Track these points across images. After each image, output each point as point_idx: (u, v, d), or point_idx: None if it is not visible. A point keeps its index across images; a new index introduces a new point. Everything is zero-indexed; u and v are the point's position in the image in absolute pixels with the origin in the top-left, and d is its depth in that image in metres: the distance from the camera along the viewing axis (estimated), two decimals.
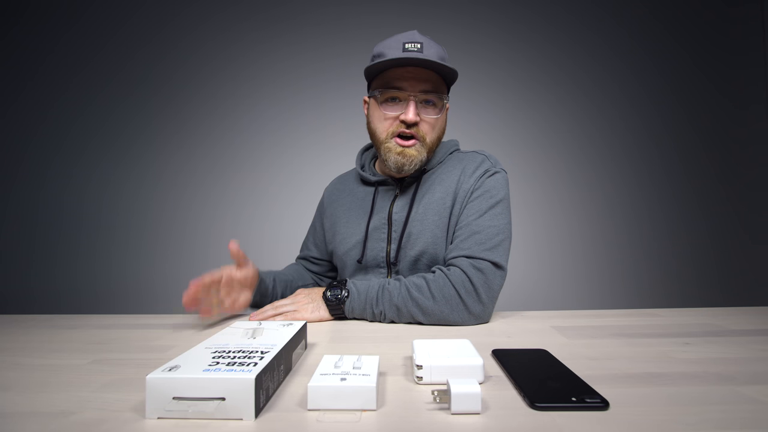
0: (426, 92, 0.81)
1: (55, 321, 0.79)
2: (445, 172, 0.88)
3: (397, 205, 0.87)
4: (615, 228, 2.16)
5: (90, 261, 2.17)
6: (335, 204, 0.99)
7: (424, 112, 0.82)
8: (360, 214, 0.92)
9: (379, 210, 0.89)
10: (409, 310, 0.72)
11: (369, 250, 0.88)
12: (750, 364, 0.47)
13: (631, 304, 2.10)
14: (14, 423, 0.35)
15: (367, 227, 0.89)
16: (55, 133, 2.20)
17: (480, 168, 0.85)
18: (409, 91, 0.80)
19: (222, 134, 2.19)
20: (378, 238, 0.87)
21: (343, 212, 0.96)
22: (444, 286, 0.72)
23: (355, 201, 0.95)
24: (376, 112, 0.85)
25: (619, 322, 0.70)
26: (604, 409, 0.35)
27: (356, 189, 0.97)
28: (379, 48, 0.83)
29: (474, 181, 0.83)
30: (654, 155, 2.18)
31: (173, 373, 0.35)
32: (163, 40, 2.20)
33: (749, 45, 2.18)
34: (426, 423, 0.33)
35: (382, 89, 0.82)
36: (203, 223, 2.17)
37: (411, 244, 0.84)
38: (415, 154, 0.82)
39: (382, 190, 0.91)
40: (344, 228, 0.93)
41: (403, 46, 0.80)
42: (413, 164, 0.83)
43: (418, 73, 0.80)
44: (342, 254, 0.92)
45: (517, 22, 2.19)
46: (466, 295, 0.71)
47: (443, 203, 0.84)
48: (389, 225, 0.87)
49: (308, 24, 2.19)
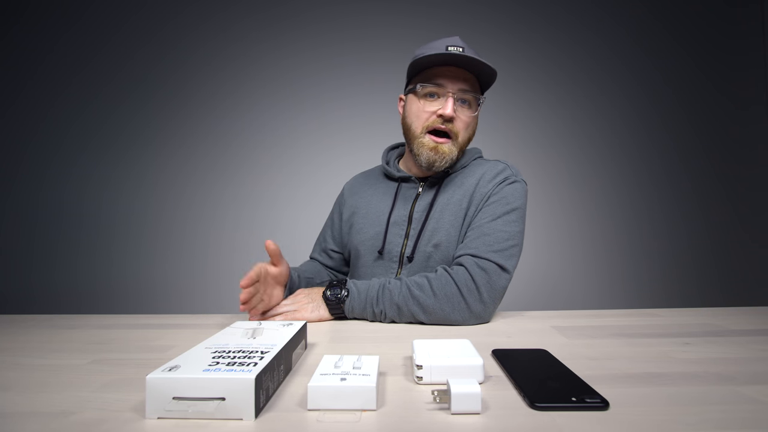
0: (464, 91, 0.84)
1: (55, 321, 0.79)
2: (466, 177, 0.90)
3: (419, 204, 0.89)
4: (615, 228, 2.16)
5: (90, 261, 2.17)
6: (356, 196, 1.01)
7: (460, 110, 0.85)
8: (381, 207, 0.94)
9: (400, 206, 0.91)
10: (410, 308, 0.72)
11: (387, 243, 0.89)
12: (750, 364, 0.47)
13: (631, 304, 2.10)
14: (14, 423, 0.35)
15: (388, 220, 0.90)
16: (55, 133, 2.20)
17: (500, 175, 0.87)
18: (448, 88, 0.83)
19: (222, 134, 2.19)
20: (396, 233, 0.89)
21: (363, 204, 0.97)
22: (446, 284, 0.72)
23: (376, 194, 0.97)
24: (414, 107, 0.87)
25: (619, 322, 0.70)
26: (604, 409, 0.35)
27: (379, 183, 0.99)
28: (422, 49, 0.87)
29: (492, 186, 0.85)
30: (654, 155, 2.18)
31: (173, 373, 0.35)
32: (163, 39, 2.20)
33: (749, 45, 2.18)
34: (426, 423, 0.33)
35: (423, 84, 0.85)
36: (203, 223, 2.17)
37: (426, 241, 0.86)
38: (447, 152, 0.85)
39: (404, 187, 0.93)
40: (363, 219, 0.95)
41: (446, 48, 0.83)
42: (444, 161, 0.85)
43: (458, 72, 0.84)
44: (358, 243, 0.94)
45: (518, 22, 2.19)
46: (468, 293, 0.71)
47: (460, 205, 0.86)
48: (409, 222, 0.89)
49: (308, 24, 2.19)
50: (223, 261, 2.15)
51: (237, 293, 2.13)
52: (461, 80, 0.84)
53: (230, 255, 2.16)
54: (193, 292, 2.12)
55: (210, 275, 2.14)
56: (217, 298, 2.12)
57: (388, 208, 0.92)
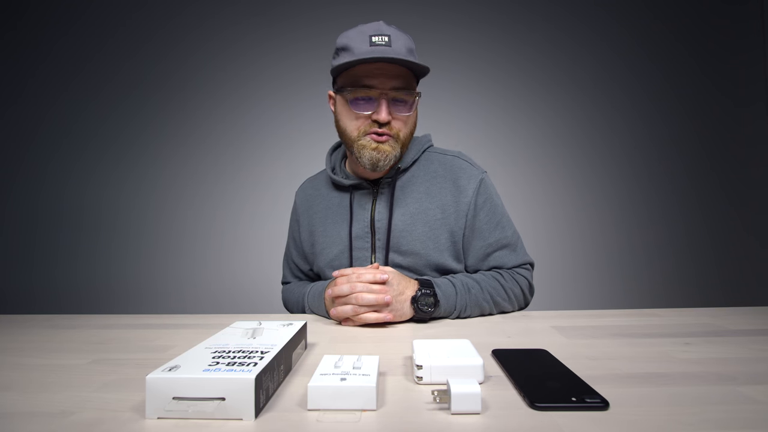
0: (397, 89, 0.77)
1: (55, 321, 0.78)
2: (428, 179, 0.87)
3: (378, 212, 0.85)
4: (615, 228, 2.16)
5: (90, 261, 2.17)
6: (310, 212, 0.95)
7: (395, 110, 0.79)
8: (338, 221, 0.89)
9: (358, 217, 0.86)
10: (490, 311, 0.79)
11: (354, 260, 0.85)
12: (750, 364, 0.47)
13: (631, 304, 2.10)
14: (14, 423, 0.35)
15: (350, 236, 0.86)
16: (55, 133, 2.20)
17: (472, 180, 0.86)
18: (380, 89, 0.76)
19: (222, 134, 2.19)
20: (362, 247, 0.85)
21: (319, 221, 0.92)
22: (513, 286, 0.82)
23: (330, 208, 0.91)
24: (345, 110, 0.81)
25: (619, 322, 0.70)
26: (604, 409, 0.35)
27: (330, 194, 0.92)
28: (343, 40, 0.79)
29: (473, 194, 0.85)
30: (654, 155, 2.18)
31: (173, 373, 0.35)
32: (162, 39, 2.20)
33: (749, 43, 2.18)
34: (426, 423, 0.33)
35: (352, 87, 0.78)
36: (203, 223, 2.17)
37: (401, 255, 0.83)
38: (389, 150, 0.80)
39: (358, 195, 0.88)
40: (322, 238, 0.90)
41: (370, 39, 0.76)
42: (387, 160, 0.80)
43: (387, 68, 0.76)
44: (324, 265, 0.89)
45: (518, 22, 2.19)
46: (528, 294, 0.86)
47: (433, 215, 0.84)
48: (372, 233, 0.85)
49: (309, 23, 2.19)
50: (223, 261, 2.15)
51: (237, 293, 2.14)
52: (393, 77, 0.76)
53: (230, 255, 2.16)
54: (193, 292, 2.12)
55: (210, 275, 2.14)
56: (217, 298, 2.12)
57: (346, 223, 0.87)
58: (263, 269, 2.15)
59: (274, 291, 2.16)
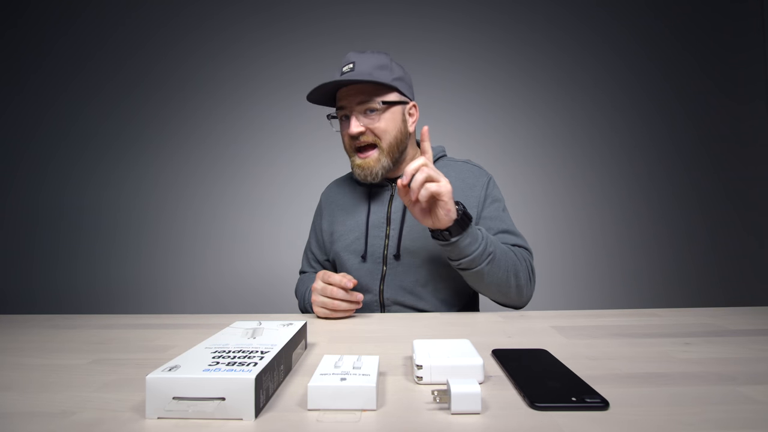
0: (361, 103, 0.86)
1: (55, 321, 0.79)
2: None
3: (395, 205, 0.94)
4: (615, 228, 2.16)
5: (90, 261, 2.17)
6: (332, 205, 1.04)
7: (368, 121, 0.87)
8: (357, 212, 0.97)
9: (376, 208, 0.95)
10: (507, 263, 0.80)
11: (369, 246, 0.93)
12: (750, 364, 0.47)
13: (631, 304, 2.10)
14: (14, 423, 0.35)
15: (367, 223, 0.94)
16: (55, 133, 2.20)
17: (481, 178, 0.95)
18: (348, 107, 0.88)
19: (222, 134, 2.19)
20: (377, 235, 0.93)
21: (340, 212, 1.01)
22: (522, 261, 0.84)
23: (351, 200, 1.01)
24: (340, 130, 0.94)
25: (619, 322, 0.70)
26: (604, 409, 0.35)
27: (353, 190, 1.03)
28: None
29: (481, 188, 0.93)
30: (653, 154, 2.18)
31: (173, 373, 0.35)
32: (162, 39, 2.20)
33: (749, 42, 2.18)
34: (426, 423, 0.33)
35: (334, 111, 0.92)
36: (203, 223, 2.17)
37: (409, 239, 0.90)
38: (372, 164, 0.88)
39: (377, 190, 0.98)
40: (341, 226, 0.99)
41: (341, 70, 0.88)
42: (374, 173, 0.89)
43: (353, 89, 0.87)
44: (340, 250, 0.97)
45: (519, 22, 2.19)
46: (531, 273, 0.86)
47: None
48: (388, 223, 0.93)
49: (309, 23, 2.19)
50: (223, 261, 2.15)
51: (237, 293, 2.14)
52: (356, 94, 0.86)
53: (230, 255, 2.16)
54: (193, 292, 2.12)
55: (210, 275, 2.14)
56: (217, 298, 2.13)
57: (364, 212, 0.96)
58: (263, 269, 2.15)
59: (274, 291, 2.17)
